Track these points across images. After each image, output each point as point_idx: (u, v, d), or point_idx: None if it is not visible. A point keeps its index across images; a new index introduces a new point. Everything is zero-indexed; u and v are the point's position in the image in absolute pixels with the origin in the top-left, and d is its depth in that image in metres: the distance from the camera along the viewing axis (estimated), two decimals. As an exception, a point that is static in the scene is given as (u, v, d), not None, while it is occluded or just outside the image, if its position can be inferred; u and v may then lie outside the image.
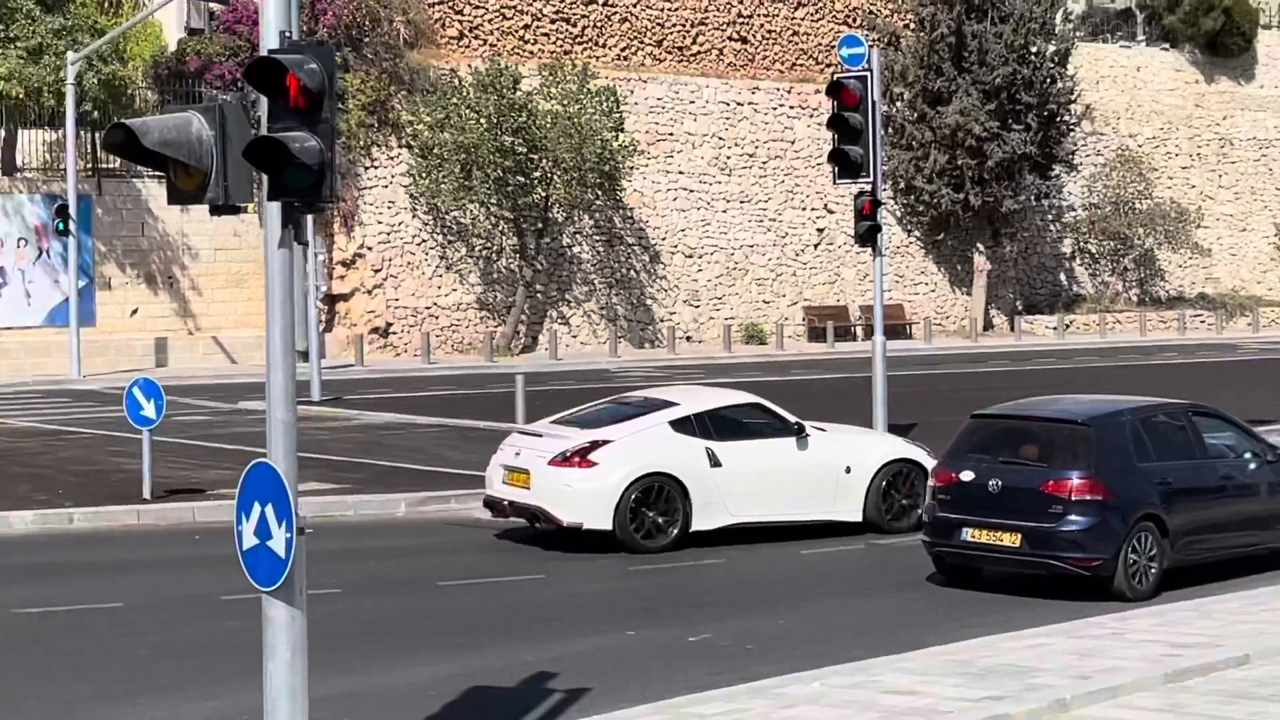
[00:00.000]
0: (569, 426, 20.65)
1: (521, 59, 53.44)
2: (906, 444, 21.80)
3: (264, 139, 9.29)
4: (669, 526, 19.86)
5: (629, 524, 19.62)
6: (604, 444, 19.84)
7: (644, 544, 19.66)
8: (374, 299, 50.82)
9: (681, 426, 20.25)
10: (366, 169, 50.86)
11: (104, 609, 16.30)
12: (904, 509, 20.94)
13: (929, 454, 20.93)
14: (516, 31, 54.93)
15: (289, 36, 9.35)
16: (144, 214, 47.55)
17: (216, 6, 49.07)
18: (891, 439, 22.29)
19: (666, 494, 19.84)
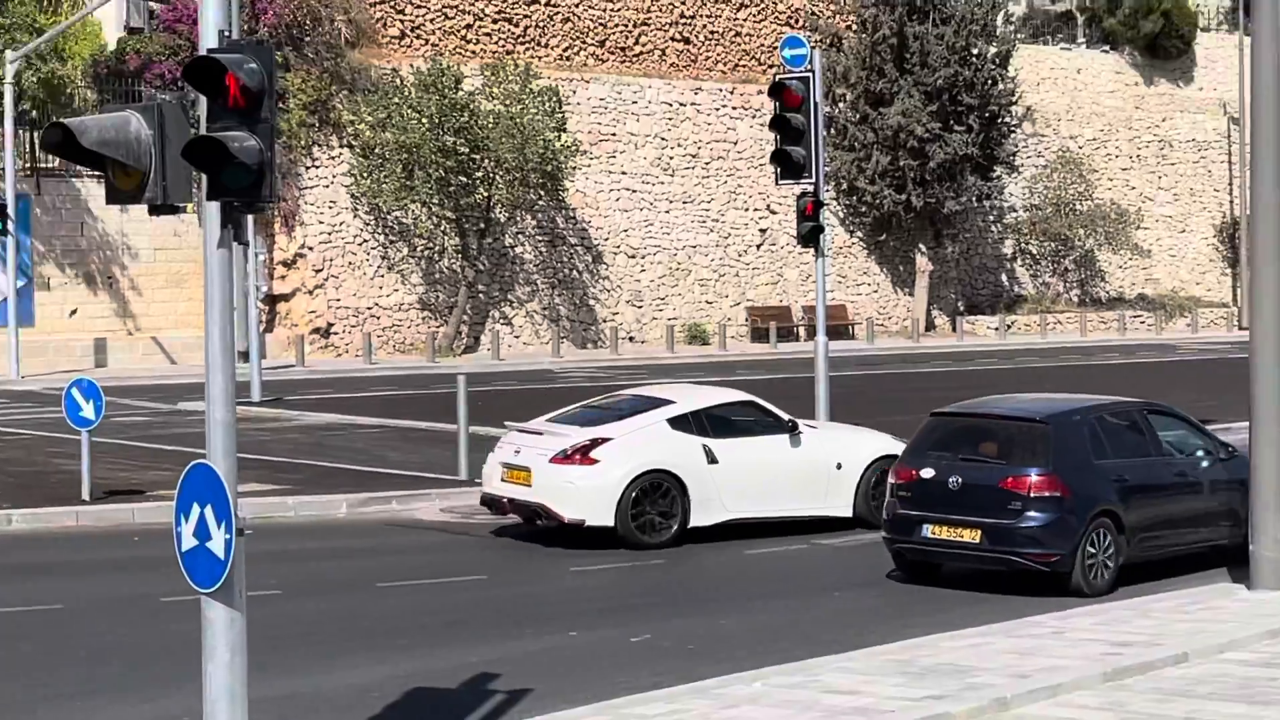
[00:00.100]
0: (567, 424, 20.81)
1: (463, 59, 53.36)
2: (894, 441, 22.05)
3: (203, 138, 9.26)
4: (669, 522, 20.10)
5: (630, 520, 19.85)
6: (604, 441, 20.07)
7: (645, 540, 19.88)
8: (315, 299, 50.65)
9: (679, 424, 20.51)
10: (307, 169, 50.69)
11: (43, 611, 16.19)
12: None
13: None
14: (458, 31, 54.84)
15: (228, 36, 9.32)
16: (83, 214, 47.26)
17: (156, 5, 48.80)
18: (880, 436, 22.51)
19: (666, 491, 20.08)
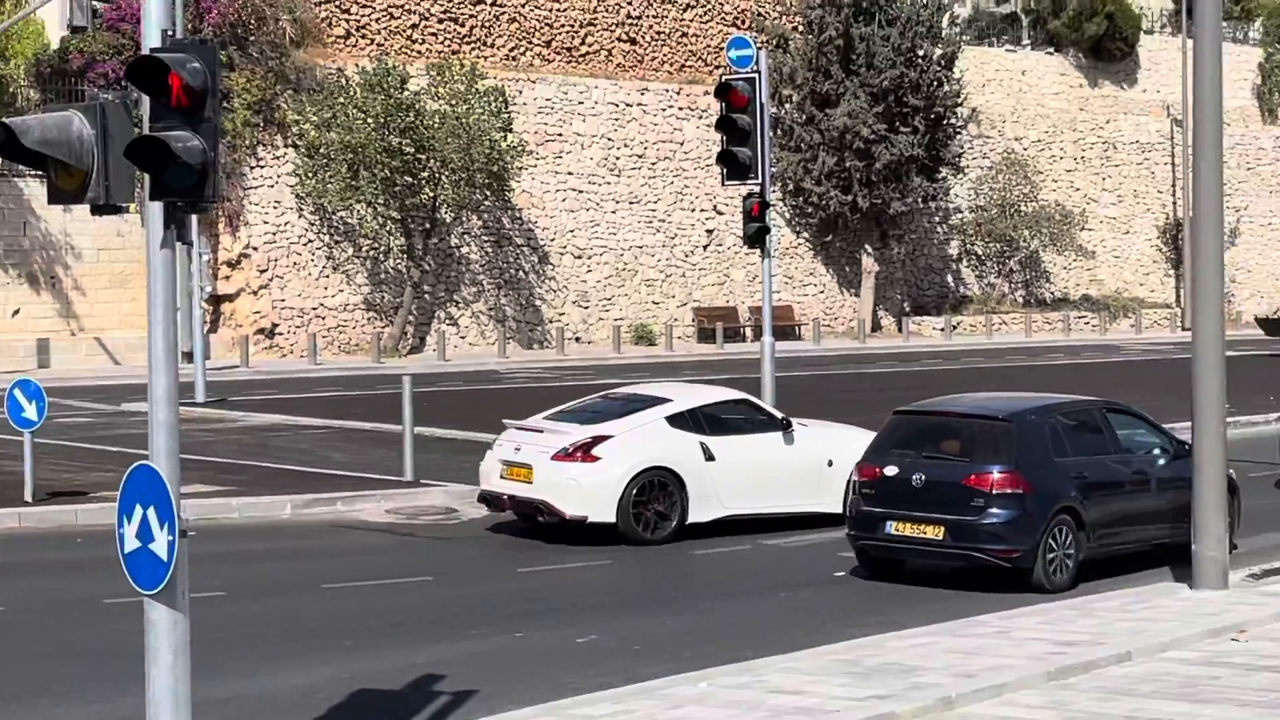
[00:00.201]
0: (566, 422, 21.07)
1: (409, 59, 53.24)
2: None
3: (146, 138, 9.21)
4: (668, 518, 20.39)
5: (631, 517, 20.11)
6: (606, 439, 20.35)
7: (645, 536, 20.18)
8: (260, 299, 50.45)
9: (677, 422, 20.82)
10: (252, 169, 50.49)
11: (-16, 613, 16.10)
12: None
13: None
14: (404, 31, 54.71)
15: (172, 35, 9.28)
16: (26, 213, 46.96)
17: (100, 5, 48.51)
18: (869, 434, 22.62)
19: (666, 487, 20.40)
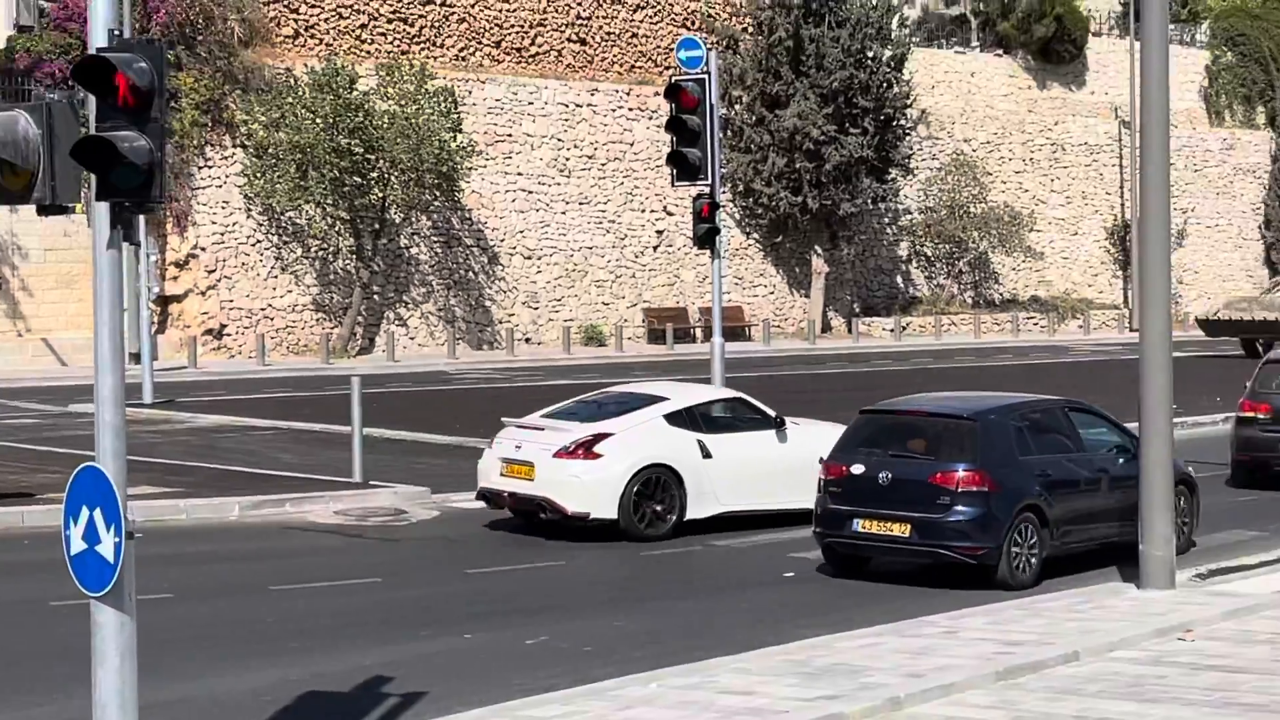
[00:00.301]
0: (565, 420, 21.32)
1: (358, 59, 53.09)
2: None
3: (92, 138, 9.17)
4: (667, 515, 20.67)
5: (632, 513, 20.38)
6: (606, 436, 20.62)
7: (646, 532, 20.46)
8: (208, 300, 50.25)
9: (675, 420, 21.13)
10: (200, 169, 50.27)
11: (-71, 616, 15.99)
12: None
13: None
14: (353, 31, 54.56)
15: (119, 35, 9.24)
16: (-28, 213, 46.70)
17: (47, 4, 48.26)
18: None
19: (665, 484, 20.65)
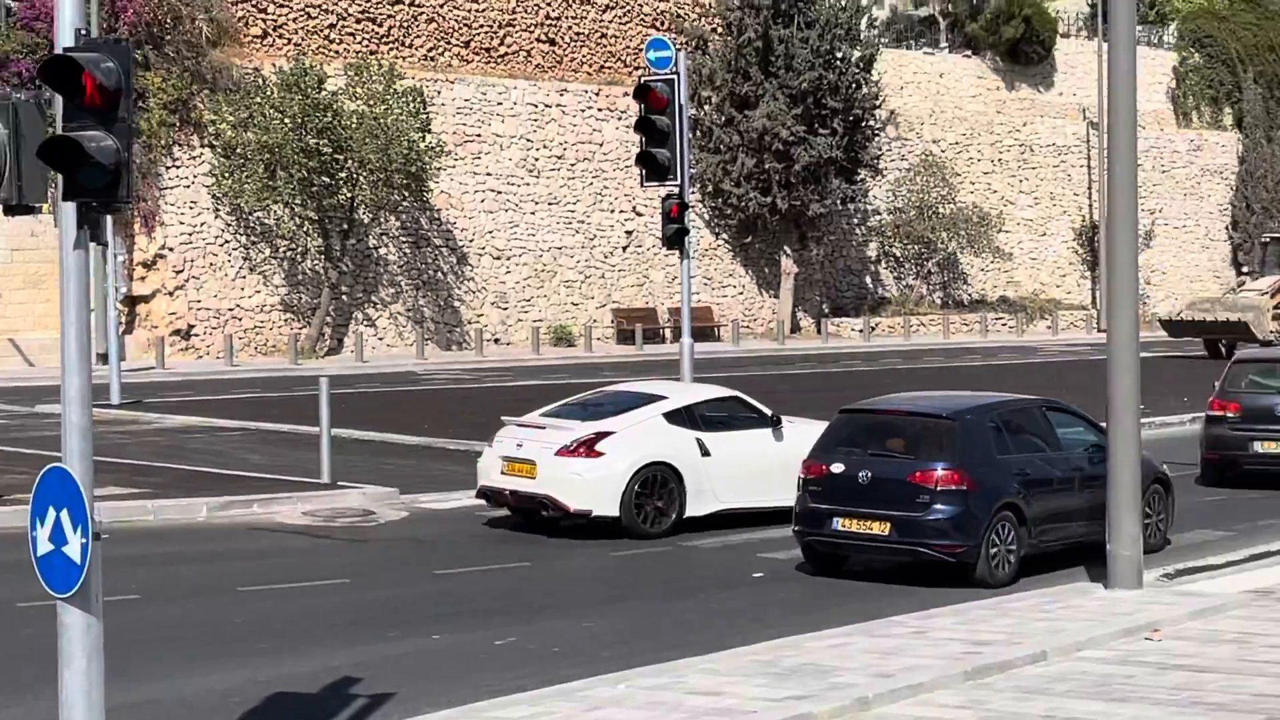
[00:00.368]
0: (565, 419, 21.53)
1: (327, 58, 52.99)
2: None
3: (59, 138, 9.15)
4: (668, 512, 20.96)
5: (633, 511, 20.66)
6: (608, 435, 20.87)
7: (646, 530, 20.73)
8: (175, 300, 50.10)
9: (674, 418, 21.43)
10: (168, 169, 50.13)
11: (-106, 618, 15.91)
12: None
13: None
14: (321, 31, 54.46)
15: (86, 34, 9.21)
16: (-62, 213, 46.45)
17: (14, 3, 48.07)
18: None
19: (665, 482, 20.92)
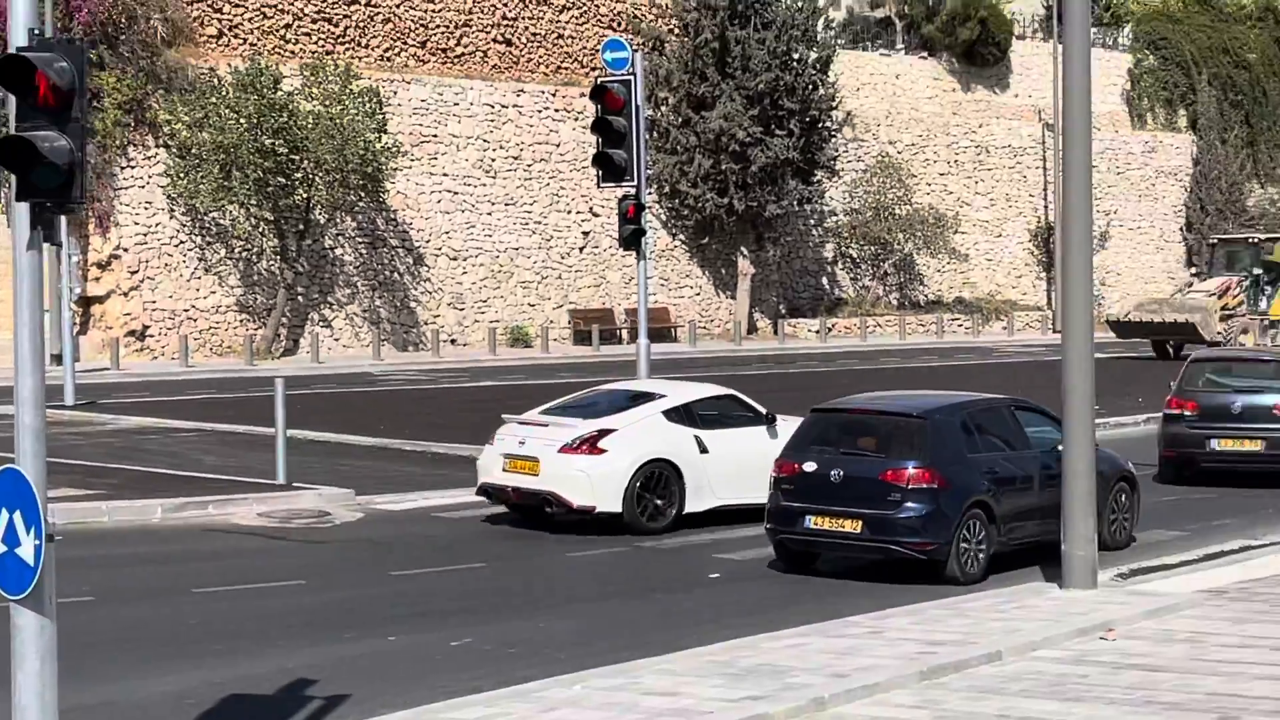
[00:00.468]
0: (566, 416, 21.83)
1: (282, 59, 52.87)
2: None
3: (12, 138, 9.12)
4: (668, 508, 21.29)
5: (635, 507, 20.99)
6: (610, 432, 21.20)
7: (648, 525, 21.06)
8: (130, 301, 49.90)
9: (673, 416, 21.78)
10: (122, 169, 49.93)
11: None
12: None
13: None
14: (277, 31, 54.32)
15: (39, 34, 9.18)
16: (-109, 213, 46.23)
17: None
18: None
19: (666, 479, 21.26)
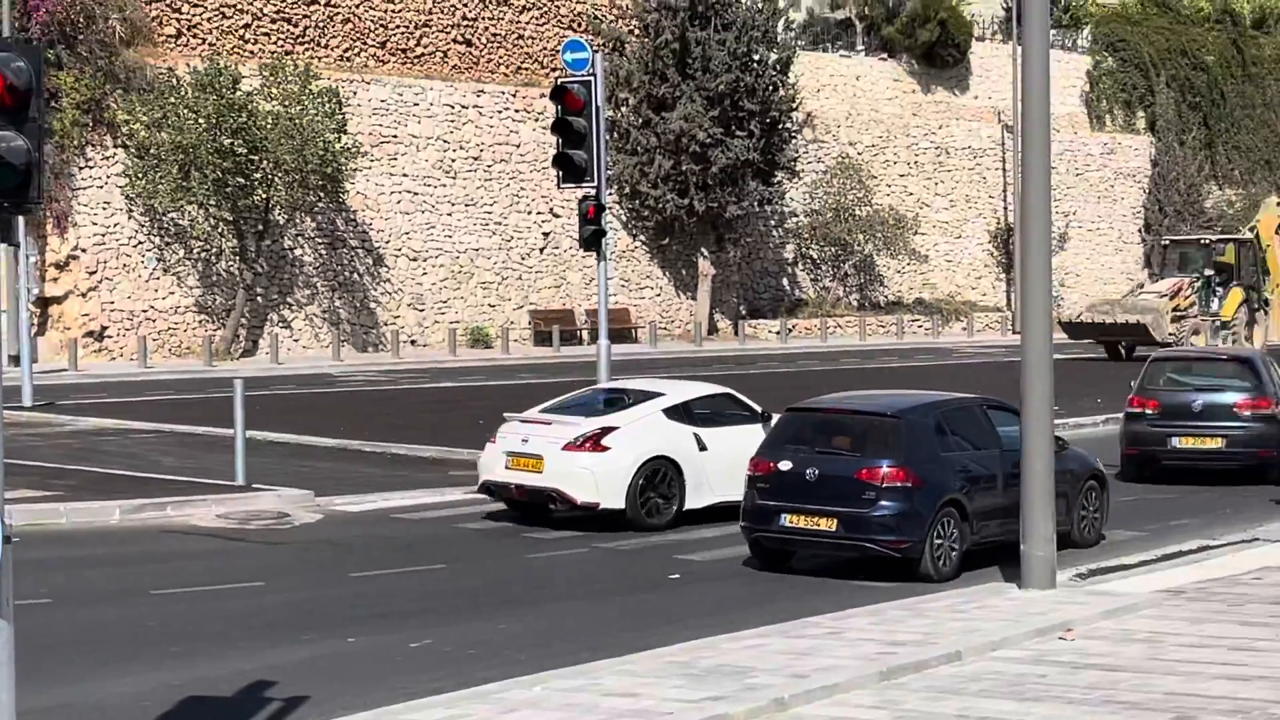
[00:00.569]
0: (569, 414, 22.15)
1: (242, 59, 52.70)
2: None
3: (-34, 136, 9.04)
4: (669, 505, 21.65)
5: (638, 503, 21.34)
6: (613, 430, 21.52)
7: (650, 522, 21.40)
8: (89, 302, 49.69)
9: (672, 414, 22.10)
10: (81, 169, 49.71)
11: None
12: None
13: None
14: (236, 31, 54.15)
15: (-7, 30, 9.11)
16: None
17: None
18: None
19: (667, 476, 21.62)
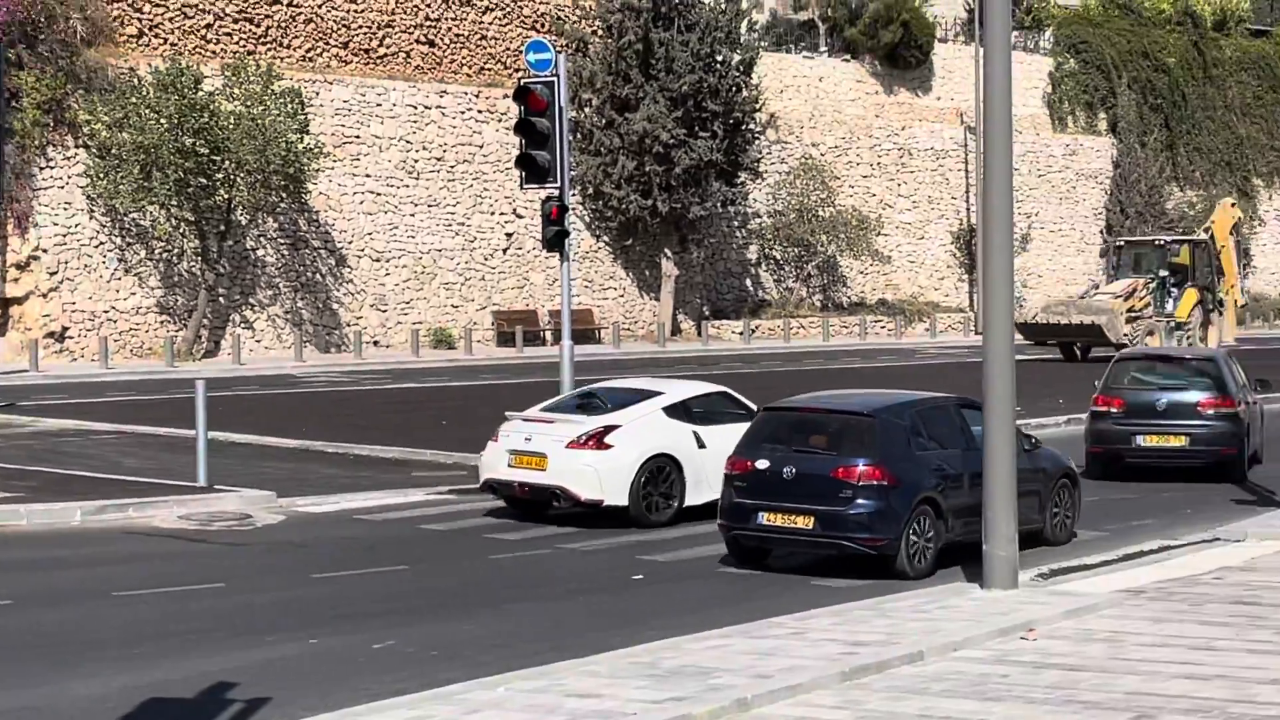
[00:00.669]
0: (569, 413, 22.52)
1: (204, 59, 52.55)
2: None
3: (-77, 133, 8.98)
4: (670, 502, 22.04)
5: (640, 500, 21.70)
6: (615, 428, 21.83)
7: (652, 519, 21.77)
8: (50, 302, 49.46)
9: (672, 413, 22.45)
10: (42, 169, 49.49)
11: None
12: None
13: None
14: (198, 31, 53.97)
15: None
16: None
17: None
18: None
19: (668, 473, 21.99)
